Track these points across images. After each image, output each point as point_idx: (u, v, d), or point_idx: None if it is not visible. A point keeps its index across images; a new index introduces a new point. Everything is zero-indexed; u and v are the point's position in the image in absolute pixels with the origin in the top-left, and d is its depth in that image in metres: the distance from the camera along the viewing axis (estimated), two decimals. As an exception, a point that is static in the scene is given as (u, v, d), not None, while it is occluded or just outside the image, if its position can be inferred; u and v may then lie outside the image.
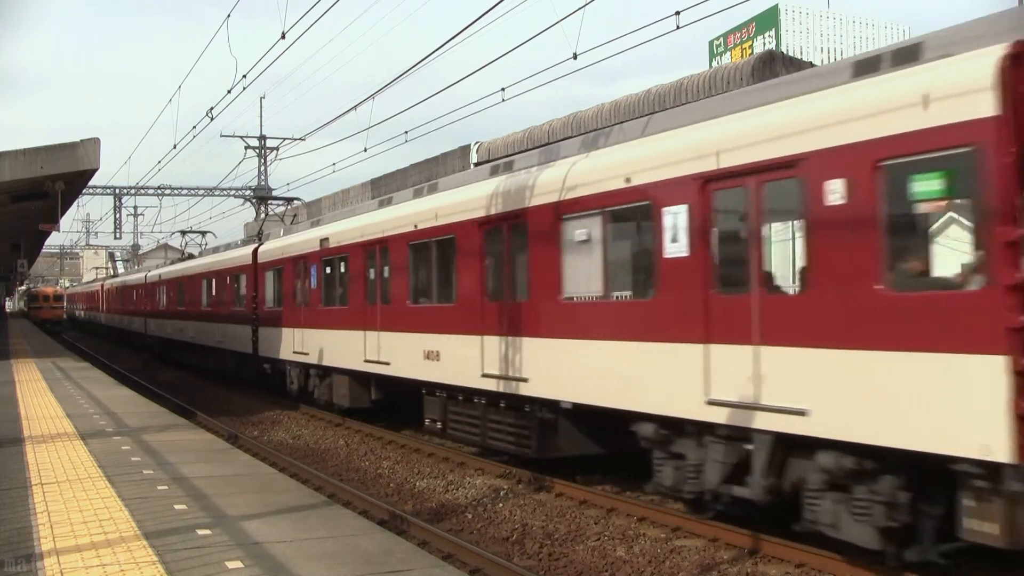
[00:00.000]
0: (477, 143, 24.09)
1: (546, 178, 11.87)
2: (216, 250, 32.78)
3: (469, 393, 13.67)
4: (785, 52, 24.66)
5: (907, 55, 7.76)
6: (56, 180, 21.29)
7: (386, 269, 16.63)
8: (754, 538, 9.50)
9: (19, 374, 24.31)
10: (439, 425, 14.70)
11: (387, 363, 16.18)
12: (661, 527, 10.46)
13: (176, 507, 8.52)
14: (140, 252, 76.57)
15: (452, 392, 14.22)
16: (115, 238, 56.18)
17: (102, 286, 62.71)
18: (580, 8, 12.97)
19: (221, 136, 55.23)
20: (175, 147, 29.36)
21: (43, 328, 64.61)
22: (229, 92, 20.38)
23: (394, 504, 11.77)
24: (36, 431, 13.64)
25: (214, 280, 29.74)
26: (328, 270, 19.67)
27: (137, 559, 6.71)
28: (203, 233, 40.85)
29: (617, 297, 10.80)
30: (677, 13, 12.22)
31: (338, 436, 18.26)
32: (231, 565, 6.54)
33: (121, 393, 20.37)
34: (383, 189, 29.37)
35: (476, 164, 18.89)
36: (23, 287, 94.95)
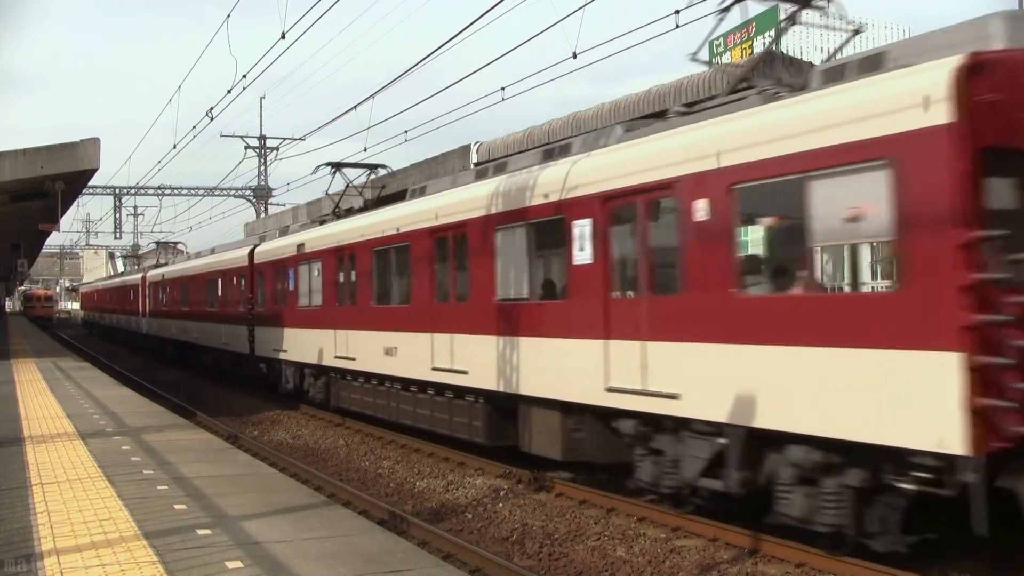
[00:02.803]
0: (477, 143, 24.05)
1: None
2: (455, 181, 14.97)
3: None
4: (785, 52, 24.59)
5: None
6: (56, 180, 21.30)
7: None
8: (754, 538, 9.50)
9: (19, 374, 24.29)
10: None
11: None
12: (661, 527, 10.46)
13: (176, 507, 8.51)
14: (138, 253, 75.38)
15: None
16: (115, 238, 56.43)
17: (144, 278, 42.66)
18: (580, 8, 13.01)
19: (221, 136, 55.55)
20: (175, 147, 29.49)
21: (38, 324, 73.03)
22: (229, 92, 20.48)
23: (394, 504, 11.77)
24: (36, 431, 13.63)
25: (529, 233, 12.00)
26: None
27: (137, 559, 6.71)
28: (372, 167, 22.93)
29: None
30: (677, 12, 12.25)
31: (338, 436, 18.25)
32: (231, 565, 6.54)
33: (121, 393, 20.35)
34: (383, 189, 29.33)
35: (477, 164, 18.80)
36: (23, 287, 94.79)
